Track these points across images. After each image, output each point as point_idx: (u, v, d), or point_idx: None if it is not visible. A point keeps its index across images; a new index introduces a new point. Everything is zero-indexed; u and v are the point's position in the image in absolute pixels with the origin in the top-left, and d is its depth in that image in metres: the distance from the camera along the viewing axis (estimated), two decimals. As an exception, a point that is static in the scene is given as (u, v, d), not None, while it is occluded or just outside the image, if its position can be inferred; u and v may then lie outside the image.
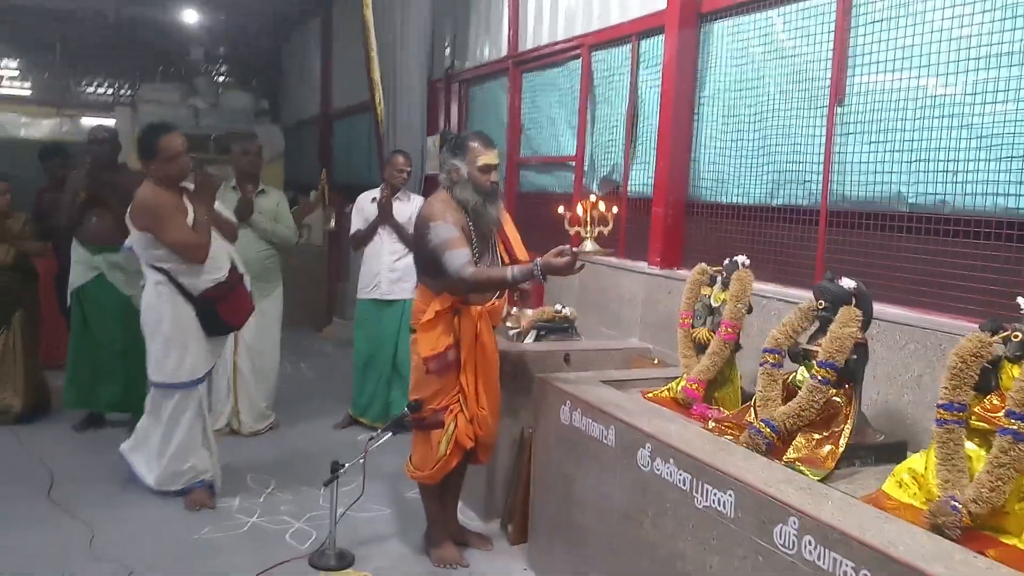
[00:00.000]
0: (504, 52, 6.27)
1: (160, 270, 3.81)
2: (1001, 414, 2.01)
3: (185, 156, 3.84)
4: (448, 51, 7.24)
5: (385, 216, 5.19)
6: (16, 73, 15.56)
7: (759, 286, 3.58)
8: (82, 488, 4.15)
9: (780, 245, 3.68)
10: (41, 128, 15.94)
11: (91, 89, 14.92)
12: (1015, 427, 1.96)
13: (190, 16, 12.86)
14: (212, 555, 3.53)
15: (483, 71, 6.68)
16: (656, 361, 3.92)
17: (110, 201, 4.76)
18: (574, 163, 5.30)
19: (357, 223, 5.36)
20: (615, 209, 3.20)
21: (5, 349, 5.19)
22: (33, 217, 5.38)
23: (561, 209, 3.23)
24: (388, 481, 4.34)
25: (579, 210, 3.05)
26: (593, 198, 3.09)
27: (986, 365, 2.11)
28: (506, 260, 3.58)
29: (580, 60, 5.22)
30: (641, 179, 4.65)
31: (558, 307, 4.32)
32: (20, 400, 5.20)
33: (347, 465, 3.47)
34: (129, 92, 14.76)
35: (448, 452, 3.32)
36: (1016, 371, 2.04)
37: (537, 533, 3.47)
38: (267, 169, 13.03)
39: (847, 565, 1.92)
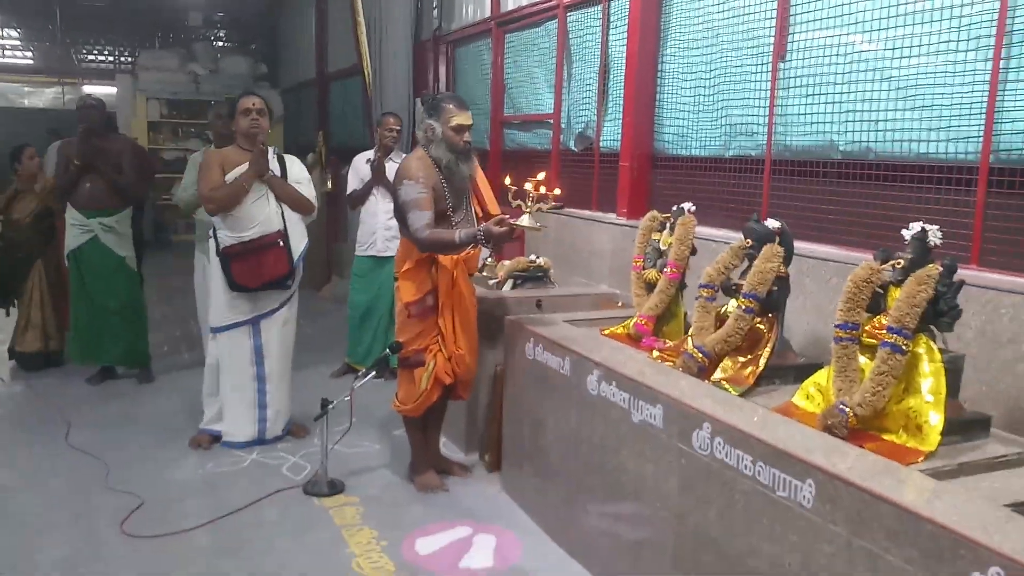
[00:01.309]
0: (488, 13, 6.49)
1: (213, 223, 4.16)
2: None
3: (251, 116, 4.05)
4: (436, 13, 7.45)
5: (379, 177, 5.46)
6: (17, 43, 15.77)
7: (712, 231, 3.89)
8: (97, 433, 4.50)
9: (734, 193, 3.96)
10: (44, 97, 16.20)
11: (91, 57, 15.14)
12: (893, 340, 2.27)
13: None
14: (215, 486, 3.88)
15: (468, 32, 6.91)
16: (620, 304, 4.23)
17: (101, 167, 5.06)
18: (552, 121, 5.56)
19: (353, 183, 5.63)
20: (556, 191, 3.60)
21: (31, 298, 5.69)
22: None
23: (508, 180, 3.55)
24: (378, 422, 4.70)
25: (527, 186, 3.39)
26: (540, 177, 3.43)
27: (877, 289, 2.41)
28: (479, 214, 3.86)
29: (556, 20, 5.45)
30: (612, 135, 4.91)
31: (532, 257, 4.61)
32: (51, 342, 5.69)
33: (335, 401, 3.80)
34: (129, 59, 14.96)
35: (429, 387, 3.62)
36: (897, 293, 2.33)
37: (509, 460, 3.81)
38: (268, 133, 13.29)
39: (747, 459, 2.24)
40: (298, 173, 4.30)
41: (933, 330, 2.36)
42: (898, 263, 2.38)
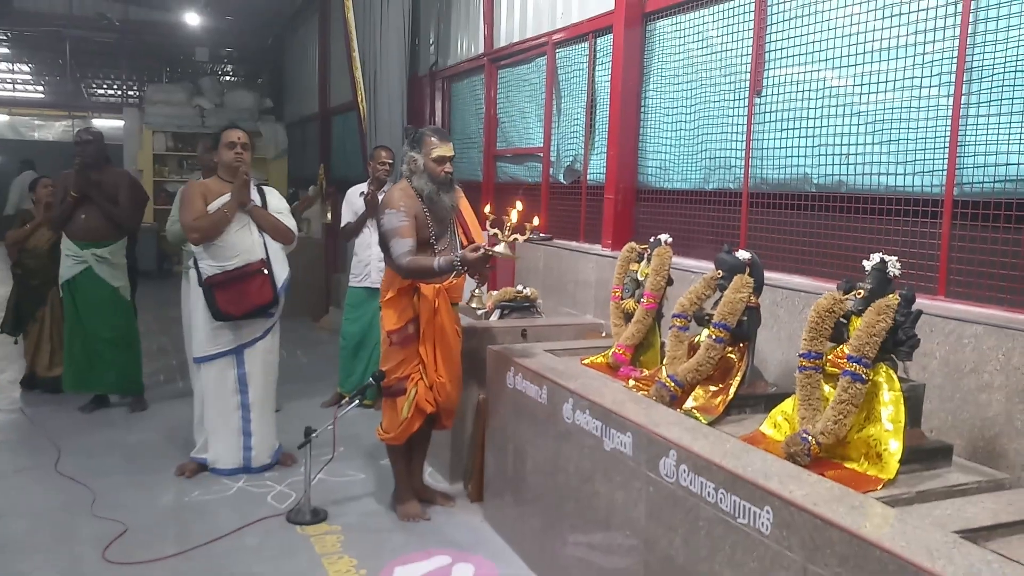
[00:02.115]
0: (481, 50, 6.62)
1: (194, 253, 4.23)
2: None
3: (235, 150, 4.13)
4: (432, 49, 7.61)
5: (372, 209, 5.54)
6: (29, 77, 16.07)
7: (693, 263, 3.95)
8: (86, 461, 4.54)
9: (714, 225, 4.02)
10: (53, 130, 16.49)
11: (100, 91, 15.41)
12: (853, 369, 2.31)
13: (194, 18, 13.27)
14: (200, 514, 3.91)
15: (463, 67, 7.04)
16: (604, 334, 4.27)
17: (96, 199, 5.17)
18: (542, 154, 5.65)
19: (347, 216, 5.72)
20: (536, 220, 3.76)
21: (43, 325, 5.84)
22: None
23: (487, 208, 3.67)
24: (363, 450, 4.74)
25: (513, 216, 3.57)
26: (518, 207, 3.62)
27: (840, 319, 2.46)
28: (464, 243, 3.91)
29: (546, 57, 5.57)
30: (599, 168, 4.99)
31: (520, 287, 4.67)
32: (58, 368, 5.74)
33: (319, 430, 3.84)
34: (137, 93, 15.22)
35: (410, 415, 3.64)
36: (859, 323, 2.38)
37: (491, 489, 3.84)
38: (271, 165, 13.52)
39: (710, 487, 2.27)
40: (278, 203, 4.39)
41: (894, 359, 2.40)
42: (859, 293, 2.43)
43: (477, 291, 4.35)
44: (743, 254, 2.95)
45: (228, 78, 15.72)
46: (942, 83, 2.85)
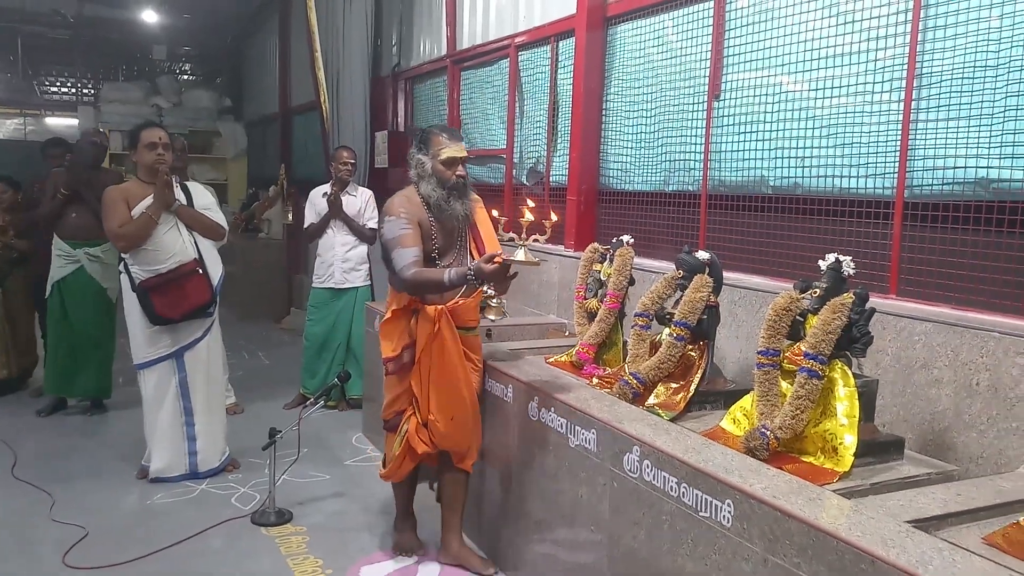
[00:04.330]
0: (444, 51, 6.64)
1: (123, 258, 4.14)
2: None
3: (157, 151, 4.03)
4: (395, 50, 7.60)
5: (335, 210, 5.54)
6: (-22, 74, 15.63)
7: (653, 263, 4.02)
8: (44, 465, 4.47)
9: (674, 226, 4.10)
10: (4, 128, 16.06)
11: (54, 89, 15.06)
12: (809, 366, 2.38)
13: (151, 15, 13.06)
14: (163, 517, 3.87)
15: (426, 69, 7.05)
16: (568, 333, 4.32)
17: (88, 198, 5.09)
18: (505, 156, 5.69)
19: (310, 217, 5.71)
20: (553, 217, 3.19)
21: None
22: (24, 207, 5.76)
23: (496, 213, 3.29)
24: (327, 452, 4.74)
25: (527, 215, 3.06)
26: (529, 205, 3.10)
27: (797, 317, 2.53)
28: (476, 257, 3.27)
29: (509, 59, 5.61)
30: (561, 170, 5.04)
31: (484, 288, 4.70)
32: (5, 369, 5.70)
33: (283, 431, 3.84)
34: (92, 91, 14.92)
35: (400, 455, 3.27)
36: (815, 321, 2.46)
37: (457, 487, 3.85)
38: (231, 165, 13.36)
39: (672, 481, 2.33)
40: (204, 200, 4.32)
41: (848, 356, 2.48)
42: (815, 292, 2.51)
43: (494, 301, 3.75)
44: (703, 254, 3.02)
45: (186, 77, 15.47)
46: (893, 88, 2.95)
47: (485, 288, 3.35)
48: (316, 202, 5.67)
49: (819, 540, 1.89)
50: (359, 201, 5.64)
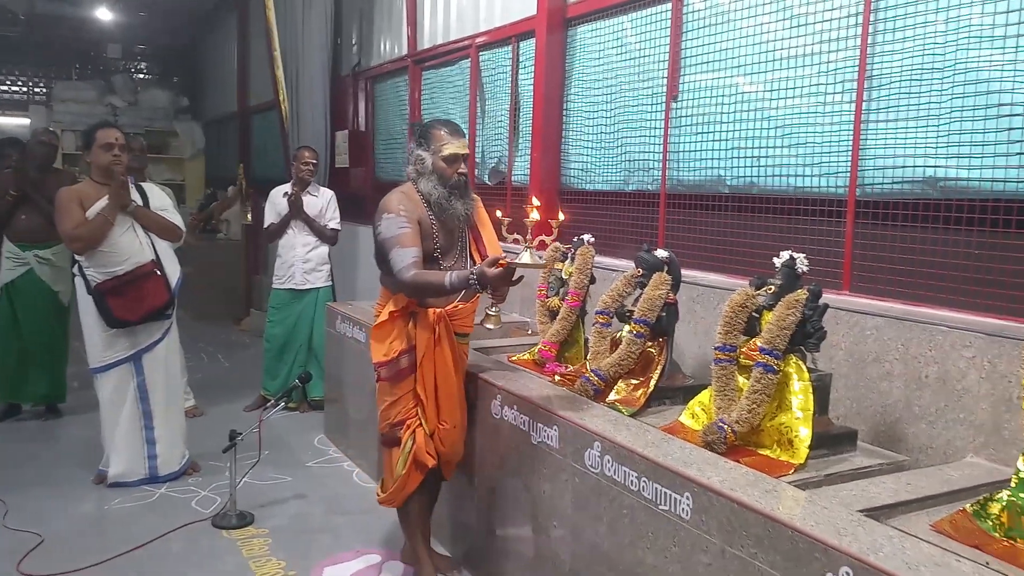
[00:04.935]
0: (405, 51, 6.63)
1: (77, 261, 4.06)
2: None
3: (113, 152, 3.95)
4: (355, 49, 7.57)
5: (296, 210, 5.50)
6: (-75, 71, 15.20)
7: (617, 262, 4.06)
8: (-2, 472, 4.38)
9: (634, 225, 4.15)
10: (-48, 127, 15.63)
11: (4, 88, 14.71)
12: (765, 360, 2.44)
13: (106, 13, 12.82)
14: (121, 522, 3.81)
15: (387, 68, 7.03)
16: (530, 332, 4.35)
17: (38, 200, 4.99)
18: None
19: (270, 217, 5.65)
20: (561, 216, 3.08)
21: None
22: None
23: (499, 214, 3.14)
24: (289, 454, 4.71)
25: (534, 214, 2.95)
26: (536, 204, 2.96)
27: (753, 313, 2.59)
28: (477, 260, 3.14)
29: (470, 60, 5.62)
30: (523, 169, 5.07)
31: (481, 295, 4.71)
32: None
33: (243, 433, 3.80)
34: (44, 90, 14.60)
35: (406, 472, 3.03)
36: (769, 316, 2.51)
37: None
38: (188, 165, 13.18)
39: (632, 475, 2.36)
40: (160, 200, 4.26)
41: (803, 351, 2.54)
42: (770, 289, 2.57)
43: (493, 310, 3.58)
44: (661, 253, 3.07)
45: (142, 76, 15.21)
46: (845, 90, 3.03)
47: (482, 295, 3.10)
48: (276, 202, 5.63)
49: (775, 530, 1.93)
50: (320, 201, 5.61)
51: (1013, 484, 1.95)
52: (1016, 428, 2.38)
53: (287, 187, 5.57)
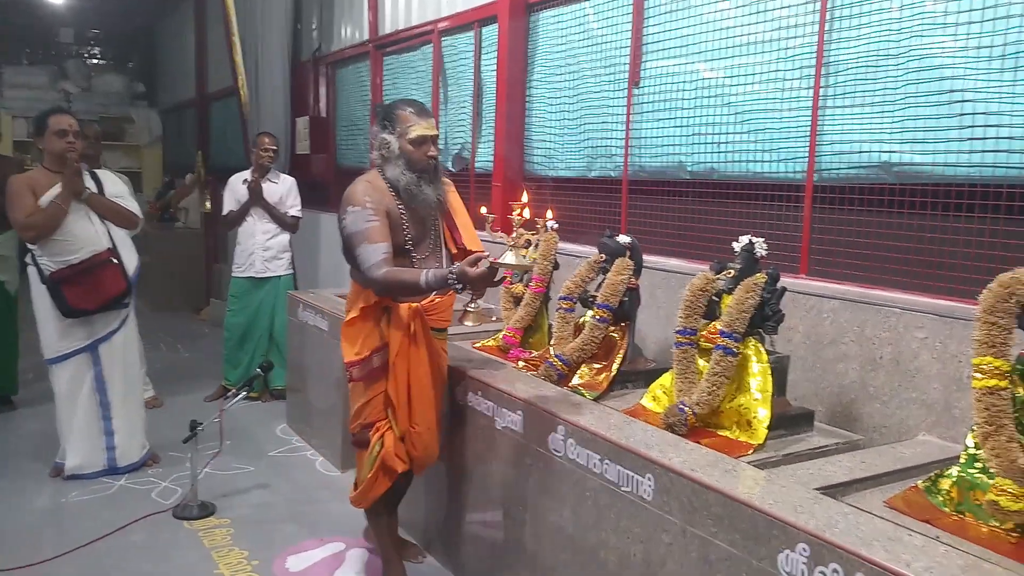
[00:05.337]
0: (366, 36, 6.56)
1: (30, 250, 3.97)
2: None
3: (67, 139, 3.87)
4: (315, 34, 7.48)
5: (256, 197, 5.43)
6: None
7: (581, 248, 4.08)
8: (-52, 465, 4.28)
9: (597, 211, 4.17)
10: None
11: (-49, 73, 14.27)
12: (724, 343, 2.47)
13: (57, -4, 12.50)
14: (79, 515, 3.75)
15: (348, 53, 6.96)
16: (494, 318, 4.35)
17: None
18: (429, 142, 5.67)
19: (229, 204, 5.57)
20: (549, 215, 2.82)
21: None
22: None
23: (484, 210, 2.93)
24: (251, 443, 4.67)
25: (522, 212, 2.60)
26: (524, 200, 2.64)
27: (712, 297, 2.62)
28: (453, 250, 3.01)
29: (432, 45, 5.59)
30: (487, 156, 5.06)
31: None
32: None
33: (204, 423, 3.76)
34: (-7, 75, 14.19)
35: (374, 475, 2.90)
36: (728, 300, 2.55)
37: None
38: (145, 153, 12.93)
39: (595, 458, 2.39)
40: (115, 187, 4.19)
41: (762, 333, 2.58)
42: (729, 273, 2.60)
43: (472, 306, 3.33)
44: (624, 239, 3.09)
45: (96, 61, 14.84)
46: (803, 76, 3.07)
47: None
48: (236, 189, 5.55)
49: (735, 509, 1.97)
50: (281, 188, 5.54)
51: (962, 460, 2.01)
52: (966, 407, 2.45)
53: (247, 174, 5.50)
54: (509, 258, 2.61)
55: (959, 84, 2.57)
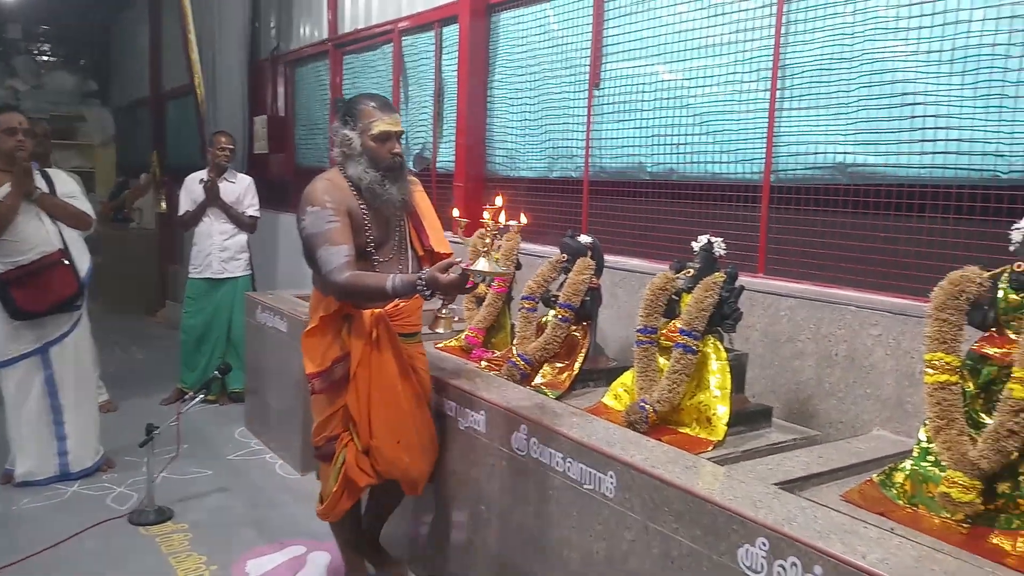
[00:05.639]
0: (325, 35, 6.51)
1: None
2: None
3: (16, 137, 3.77)
4: (273, 33, 7.39)
5: (212, 197, 5.35)
6: None
7: (542, 248, 4.09)
8: None
9: (559, 212, 4.19)
10: None
11: None
12: (684, 341, 2.50)
13: (4, -9, 12.19)
14: (31, 523, 3.65)
15: (306, 52, 6.90)
16: (457, 319, 4.34)
17: None
18: (390, 142, 5.65)
19: (185, 204, 5.48)
20: (523, 219, 2.76)
21: None
22: None
23: (456, 213, 2.86)
24: (209, 446, 4.59)
25: (501, 217, 2.52)
26: (498, 203, 2.55)
27: (672, 296, 2.65)
28: (420, 252, 2.85)
29: (392, 44, 5.56)
30: (448, 156, 5.06)
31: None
32: None
33: (161, 427, 3.69)
34: (-63, 72, 13.80)
35: (338, 490, 2.74)
36: (688, 298, 2.58)
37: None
38: (98, 152, 12.67)
39: (558, 456, 2.40)
40: (67, 187, 4.09)
41: (720, 332, 2.62)
42: (688, 272, 2.63)
43: (444, 311, 3.49)
44: (585, 239, 3.11)
45: (46, 58, 14.51)
46: (760, 79, 3.12)
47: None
48: (191, 188, 5.46)
49: (695, 505, 1.99)
50: (238, 188, 5.47)
51: (915, 454, 2.06)
52: (918, 402, 2.50)
53: (203, 173, 5.42)
54: (482, 264, 2.42)
55: (910, 87, 2.64)
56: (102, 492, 3.98)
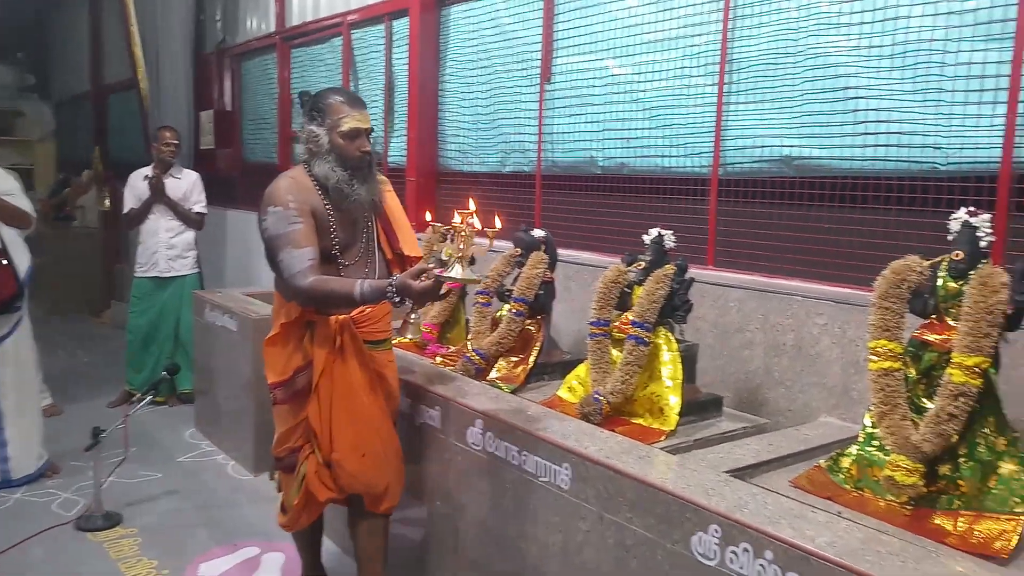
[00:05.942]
0: (272, 28, 6.41)
1: None
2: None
3: None
4: (219, 25, 7.25)
5: (158, 194, 5.24)
6: None
7: (495, 243, 4.08)
8: None
9: (512, 206, 4.19)
10: None
11: None
12: (636, 333, 2.53)
13: (-66, -18, 11.72)
14: (-29, 531, 3.55)
15: (253, 45, 6.78)
16: (411, 314, 4.33)
17: None
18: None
19: (130, 202, 5.36)
20: (498, 223, 2.69)
21: None
22: None
23: (429, 216, 2.84)
24: (158, 449, 4.51)
25: (473, 220, 2.43)
26: (472, 207, 2.46)
27: (624, 288, 2.68)
28: (389, 255, 2.74)
29: (342, 37, 5.50)
30: (399, 150, 5.02)
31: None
32: None
33: (107, 430, 3.61)
34: None
35: (300, 503, 2.64)
36: (639, 291, 2.61)
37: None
38: (37, 148, 12.29)
39: (513, 450, 2.41)
40: (6, 184, 3.98)
41: (671, 323, 2.65)
42: (640, 265, 2.66)
43: (413, 317, 3.20)
44: (538, 233, 3.12)
45: (-21, 51, 14.05)
46: (708, 73, 3.16)
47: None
48: (136, 185, 5.34)
49: (649, 494, 2.02)
50: (184, 184, 5.36)
51: (860, 439, 2.11)
52: (863, 388, 2.57)
53: (147, 170, 5.30)
54: (456, 271, 2.32)
55: (852, 82, 2.70)
56: (47, 498, 3.89)
